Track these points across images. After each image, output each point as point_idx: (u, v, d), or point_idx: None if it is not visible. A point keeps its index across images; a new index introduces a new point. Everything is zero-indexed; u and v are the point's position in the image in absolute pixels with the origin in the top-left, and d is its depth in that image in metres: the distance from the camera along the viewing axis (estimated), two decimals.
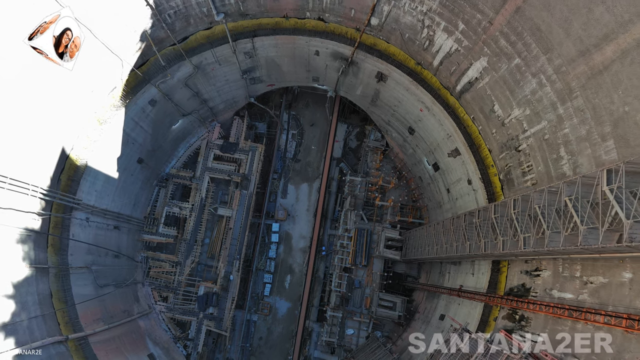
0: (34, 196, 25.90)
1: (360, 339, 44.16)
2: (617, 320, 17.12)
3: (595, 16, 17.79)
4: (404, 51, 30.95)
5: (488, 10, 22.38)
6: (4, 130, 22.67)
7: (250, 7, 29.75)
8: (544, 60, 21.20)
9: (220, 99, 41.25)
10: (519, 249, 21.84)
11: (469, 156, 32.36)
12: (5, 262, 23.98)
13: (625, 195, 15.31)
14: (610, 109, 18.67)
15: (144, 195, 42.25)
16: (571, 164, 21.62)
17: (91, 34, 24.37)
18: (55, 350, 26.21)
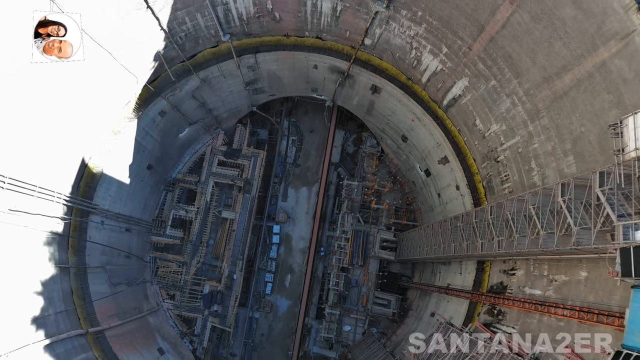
0: (58, 202, 28.97)
1: (357, 335, 47.21)
2: (572, 312, 20.19)
3: (555, 49, 20.84)
4: (396, 67, 34.01)
5: (467, 38, 25.43)
6: (34, 143, 25.72)
7: (253, 28, 32.80)
8: (516, 83, 24.28)
9: (225, 108, 44.28)
10: (494, 250, 24.93)
11: (456, 164, 35.37)
12: (34, 262, 27.05)
13: (575, 205, 18.37)
14: (570, 128, 21.74)
15: (153, 199, 45.31)
16: (540, 175, 24.70)
17: (111, 56, 27.41)
18: (77, 342, 29.31)
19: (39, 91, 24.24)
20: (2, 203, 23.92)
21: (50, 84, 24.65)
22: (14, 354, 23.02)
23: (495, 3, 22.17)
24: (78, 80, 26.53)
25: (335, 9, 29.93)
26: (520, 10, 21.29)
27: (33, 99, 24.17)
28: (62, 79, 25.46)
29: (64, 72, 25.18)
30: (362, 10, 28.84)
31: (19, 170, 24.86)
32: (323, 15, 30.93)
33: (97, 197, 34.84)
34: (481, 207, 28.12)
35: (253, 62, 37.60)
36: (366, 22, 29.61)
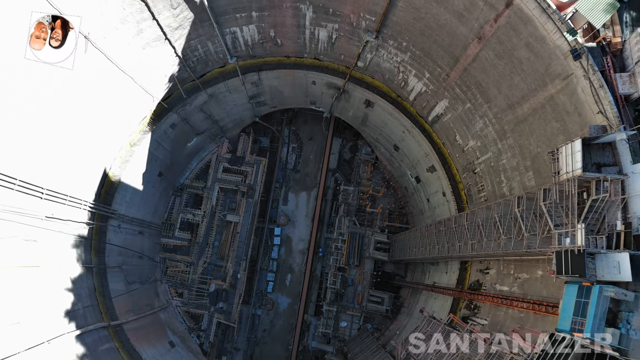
0: (85, 209, 33.24)
1: (353, 331, 51.49)
2: (528, 305, 24.45)
3: (515, 82, 25.09)
4: (386, 86, 38.22)
5: (445, 67, 29.67)
6: (65, 158, 29.97)
7: (257, 51, 37.01)
8: (486, 107, 28.52)
9: (229, 119, 48.50)
10: (468, 252, 29.22)
11: (442, 173, 39.63)
12: (65, 263, 31.32)
13: (526, 215, 22.64)
14: (529, 148, 26.00)
15: (162, 204, 49.56)
16: (508, 187, 28.95)
17: (132, 81, 31.65)
18: (102, 334, 33.59)
19: (68, 112, 28.50)
20: (41, 211, 28.17)
21: (78, 105, 28.92)
22: (54, 342, 27.25)
23: (466, 41, 26.40)
24: (104, 101, 30.86)
25: (330, 37, 34.16)
26: (486, 49, 25.52)
27: (65, 120, 28.44)
28: (90, 100, 29.74)
29: (94, 95, 29.49)
30: (355, 39, 33.08)
31: (54, 181, 29.11)
32: (320, 41, 35.16)
33: (115, 203, 39.09)
34: (459, 214, 32.41)
35: (256, 79, 41.78)
36: (358, 48, 33.87)
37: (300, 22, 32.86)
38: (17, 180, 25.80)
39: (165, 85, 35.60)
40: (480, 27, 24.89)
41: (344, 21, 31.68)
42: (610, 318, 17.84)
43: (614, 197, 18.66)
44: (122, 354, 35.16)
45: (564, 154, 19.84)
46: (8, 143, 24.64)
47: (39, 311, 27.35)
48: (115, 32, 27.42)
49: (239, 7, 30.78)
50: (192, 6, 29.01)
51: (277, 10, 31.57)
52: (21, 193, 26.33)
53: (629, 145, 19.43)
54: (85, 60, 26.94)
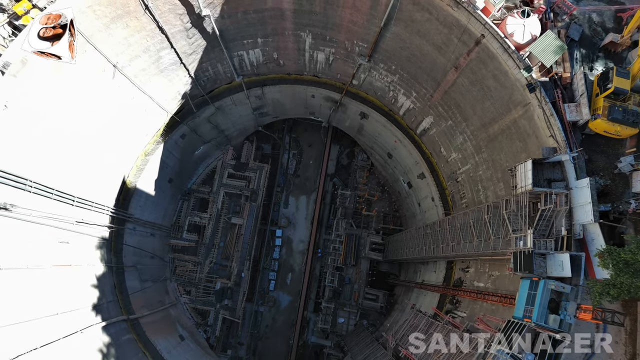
0: (107, 214, 37.73)
1: (350, 326, 56.02)
2: (496, 298, 28.94)
3: (486, 106, 29.58)
4: (379, 101, 42.64)
5: (429, 88, 34.16)
6: (92, 169, 34.46)
7: (262, 70, 41.47)
8: (465, 125, 33.01)
9: (234, 128, 52.97)
10: (449, 252, 33.71)
11: (431, 180, 44.08)
12: (92, 262, 35.81)
13: (492, 221, 27.12)
14: (500, 162, 30.50)
15: (171, 207, 54.05)
16: (484, 195, 33.45)
17: (150, 99, 36.13)
18: (122, 326, 38.08)
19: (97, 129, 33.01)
20: (73, 216, 32.67)
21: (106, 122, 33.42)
22: (85, 331, 31.74)
23: (445, 68, 30.89)
24: (127, 117, 35.39)
25: (328, 59, 38.63)
26: (462, 76, 30.00)
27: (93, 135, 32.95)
28: (116, 118, 34.25)
29: (119, 113, 34.02)
30: (350, 61, 37.56)
31: (83, 190, 33.59)
32: (318, 62, 39.62)
33: (131, 207, 43.58)
34: (442, 219, 36.90)
35: (260, 93, 46.23)
36: (353, 69, 38.34)
37: (301, 46, 37.34)
38: (54, 190, 30.30)
39: (178, 102, 40.07)
40: (456, 58, 29.36)
41: (339, 46, 36.15)
42: (554, 307, 22.31)
43: (560, 207, 23.12)
44: (139, 345, 39.66)
45: (520, 171, 24.33)
46: (46, 157, 29.10)
47: (72, 304, 31.83)
48: (138, 60, 31.92)
49: (246, 34, 35.24)
50: (205, 36, 33.46)
51: (280, 36, 36.04)
52: (56, 201, 30.82)
53: (574, 164, 23.90)
54: (113, 84, 31.45)
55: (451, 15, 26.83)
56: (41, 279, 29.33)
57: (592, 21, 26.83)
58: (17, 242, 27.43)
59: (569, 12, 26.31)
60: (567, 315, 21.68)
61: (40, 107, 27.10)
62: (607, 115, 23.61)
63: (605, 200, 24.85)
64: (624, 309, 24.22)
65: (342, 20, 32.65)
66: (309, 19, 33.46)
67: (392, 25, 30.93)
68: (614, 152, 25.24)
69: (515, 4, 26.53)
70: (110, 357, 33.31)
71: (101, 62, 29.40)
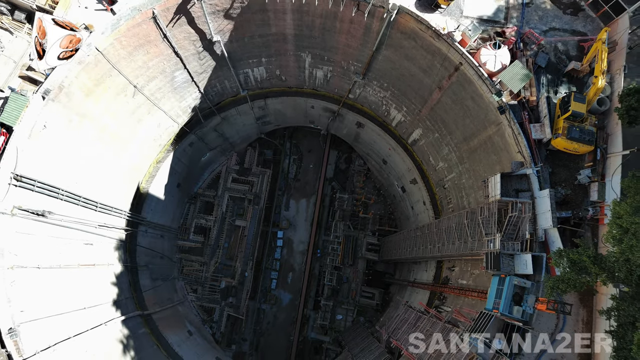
0: (124, 218, 42.02)
1: (347, 323, 60.37)
2: (476, 294, 33.20)
3: (467, 123, 33.86)
4: (374, 112, 46.88)
5: (417, 104, 38.43)
6: (113, 179, 38.75)
7: (265, 85, 45.74)
8: (449, 138, 37.29)
9: (238, 136, 57.26)
10: (435, 253, 38.00)
11: (422, 185, 48.32)
12: (111, 262, 40.10)
13: (470, 225, 31.40)
14: (479, 172, 34.77)
15: (179, 210, 58.39)
16: (467, 201, 37.71)
17: (164, 114, 40.40)
18: (138, 320, 42.35)
19: (122, 141, 37.32)
20: (95, 221, 36.94)
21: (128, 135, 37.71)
22: (109, 323, 36.01)
23: (431, 88, 35.17)
24: (145, 130, 39.66)
25: (326, 76, 42.91)
26: (445, 96, 34.29)
27: (117, 148, 37.26)
28: (136, 131, 38.54)
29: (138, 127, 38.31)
30: (346, 78, 41.83)
31: (104, 196, 37.90)
32: (317, 78, 43.91)
33: (144, 211, 47.91)
34: (431, 222, 41.21)
35: (263, 104, 50.50)
36: (349, 85, 42.62)
37: (301, 64, 41.60)
38: (81, 198, 34.60)
39: (188, 114, 44.36)
40: (439, 80, 33.63)
41: (336, 65, 40.42)
42: (517, 299, 26.61)
43: (524, 214, 27.39)
44: (152, 338, 43.95)
45: (491, 183, 28.62)
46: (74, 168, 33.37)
47: (96, 300, 36.12)
48: (155, 80, 36.23)
49: (251, 55, 39.50)
50: (215, 57, 37.72)
51: (282, 56, 40.30)
52: (82, 207, 35.12)
53: (538, 177, 28.18)
54: (133, 102, 35.74)
55: (433, 44, 31.09)
56: (70, 277, 33.63)
57: (558, 50, 31.05)
58: (51, 245, 31.72)
59: (537, 42, 30.50)
60: (528, 306, 25.97)
61: (72, 125, 31.39)
62: (566, 134, 27.82)
63: (566, 208, 29.12)
64: (581, 302, 28.55)
65: (338, 44, 36.91)
66: (308, 42, 37.72)
67: (383, 49, 35.18)
68: (575, 166, 29.48)
69: (490, 35, 30.74)
70: (130, 347, 37.58)
71: (124, 83, 33.70)
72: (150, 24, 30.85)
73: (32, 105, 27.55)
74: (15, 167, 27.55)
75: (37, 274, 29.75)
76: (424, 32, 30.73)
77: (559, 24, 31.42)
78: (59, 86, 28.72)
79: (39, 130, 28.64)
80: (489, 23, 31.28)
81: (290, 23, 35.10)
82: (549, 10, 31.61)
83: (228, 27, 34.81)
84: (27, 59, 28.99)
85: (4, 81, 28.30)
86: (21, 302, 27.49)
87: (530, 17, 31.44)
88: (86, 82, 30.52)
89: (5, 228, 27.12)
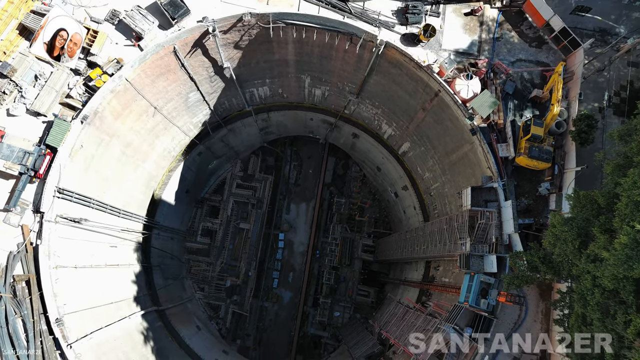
0: (141, 222, 47.76)
1: (345, 319, 66.14)
2: (454, 290, 38.89)
3: (447, 140, 39.54)
4: (368, 125, 52.58)
5: (405, 121, 44.16)
6: (134, 188, 44.46)
7: (268, 101, 51.51)
8: (433, 152, 43.01)
9: (242, 145, 62.99)
10: (421, 254, 43.73)
11: (412, 192, 54.03)
12: (131, 262, 45.85)
13: (448, 230, 37.10)
14: (459, 184, 40.43)
15: (187, 214, 64.13)
16: (449, 208, 43.42)
17: (179, 129, 46.11)
18: (154, 315, 48.08)
19: (143, 155, 43.05)
20: (119, 226, 42.67)
21: (148, 149, 43.42)
22: (132, 317, 41.71)
23: (416, 109, 40.89)
24: (162, 144, 45.38)
25: (324, 94, 48.65)
26: (428, 116, 40.01)
27: (139, 162, 42.99)
28: (155, 145, 44.28)
29: (157, 141, 44.03)
30: (342, 97, 47.57)
31: (126, 204, 43.63)
32: (316, 96, 49.65)
33: (157, 216, 53.61)
34: (417, 227, 46.94)
35: (266, 117, 56.23)
36: (344, 102, 48.37)
37: (301, 84, 47.33)
38: (108, 206, 40.33)
39: (198, 128, 50.09)
40: (423, 102, 39.34)
41: (333, 86, 46.14)
42: (484, 293, 32.31)
43: (491, 221, 33.08)
44: (166, 332, 49.71)
45: (464, 194, 34.33)
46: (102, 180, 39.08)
47: (120, 295, 41.87)
48: (172, 101, 42.00)
49: (256, 77, 45.23)
50: (224, 79, 43.41)
51: (284, 78, 46.02)
52: (108, 214, 40.85)
53: (503, 189, 33.88)
54: (152, 121, 41.48)
55: (416, 73, 36.79)
56: (100, 276, 39.38)
57: (524, 78, 36.70)
58: (84, 247, 37.43)
59: (505, 71, 36.15)
60: (492, 299, 31.69)
61: (102, 143, 37.14)
62: (527, 153, 33.49)
63: (529, 216, 34.83)
64: (541, 296, 34.25)
65: (334, 69, 42.61)
66: (308, 67, 43.42)
67: (374, 74, 40.86)
68: (537, 179, 35.19)
69: (464, 66, 36.39)
70: (150, 338, 43.29)
71: (146, 105, 39.41)
72: (171, 56, 36.57)
73: (73, 129, 33.24)
74: (59, 182, 33.26)
75: (74, 273, 35.48)
76: (408, 63, 36.43)
77: (525, 55, 37.13)
78: (94, 111, 34.43)
79: (77, 150, 34.35)
80: (464, 55, 36.96)
81: (292, 51, 40.77)
82: (516, 43, 37.32)
83: (237, 55, 40.49)
84: (66, 88, 34.65)
85: (47, 108, 33.93)
86: (64, 297, 33.21)
87: (500, 49, 37.16)
88: (116, 106, 36.26)
89: (51, 234, 32.84)
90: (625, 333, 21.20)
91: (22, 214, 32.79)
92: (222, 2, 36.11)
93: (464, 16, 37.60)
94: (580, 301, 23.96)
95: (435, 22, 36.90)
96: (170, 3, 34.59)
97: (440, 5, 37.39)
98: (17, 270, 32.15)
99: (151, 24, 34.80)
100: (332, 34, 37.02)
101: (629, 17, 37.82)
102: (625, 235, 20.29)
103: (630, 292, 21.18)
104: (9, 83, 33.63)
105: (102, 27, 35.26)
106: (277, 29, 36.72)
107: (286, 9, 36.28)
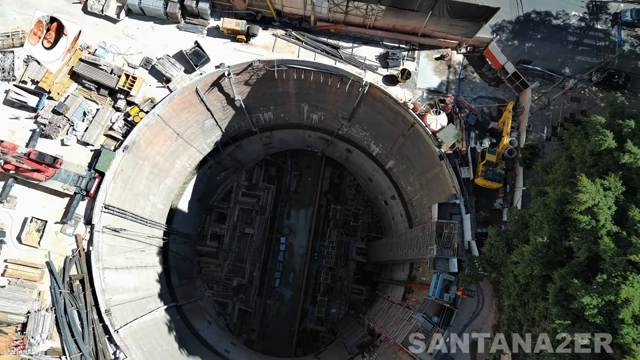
0: (162, 229, 57.40)
1: (340, 315, 75.80)
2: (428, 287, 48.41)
3: (423, 161, 49.07)
4: (359, 143, 62.15)
5: (389, 143, 53.75)
6: (157, 201, 54.06)
7: (271, 122, 61.10)
8: (413, 170, 52.59)
9: (247, 158, 72.64)
10: (402, 257, 53.31)
11: (399, 201, 63.65)
12: (155, 264, 55.48)
13: (423, 236, 46.71)
14: (433, 197, 49.98)
15: (197, 220, 73.82)
16: (427, 217, 52.88)
17: (195, 149, 55.72)
18: (174, 310, 57.72)
19: (166, 172, 52.70)
20: (146, 233, 52.29)
21: (171, 167, 53.06)
22: (158, 309, 51.29)
23: (397, 135, 50.49)
24: (181, 162, 54.96)
25: (320, 118, 58.28)
26: (407, 141, 49.59)
27: (163, 178, 52.63)
28: (176, 163, 53.93)
29: (177, 160, 53.69)
30: (336, 121, 57.21)
31: (152, 214, 53.25)
32: (313, 119, 59.31)
33: (174, 223, 63.25)
34: (401, 233, 56.54)
35: (269, 134, 65.89)
36: (338, 125, 57.92)
37: (301, 110, 56.97)
38: (138, 217, 49.95)
39: (211, 147, 59.71)
40: (402, 130, 48.91)
41: (328, 112, 55.75)
42: (447, 289, 41.89)
43: (454, 231, 42.63)
44: (184, 325, 59.45)
45: (433, 209, 43.92)
46: (134, 195, 48.66)
47: (149, 292, 51.51)
48: (191, 128, 51.58)
49: (262, 105, 54.87)
50: (235, 108, 53.03)
51: (286, 106, 55.66)
52: (138, 223, 50.47)
53: (465, 205, 43.45)
54: (175, 144, 51.11)
55: (395, 108, 46.38)
56: (133, 275, 49.04)
57: (484, 112, 46.21)
58: (121, 252, 47.04)
59: (468, 107, 45.65)
60: (452, 293, 41.31)
61: (136, 166, 46.78)
62: (483, 175, 43.04)
63: (487, 226, 44.35)
64: (494, 291, 43.81)
65: (329, 99, 52.21)
66: (306, 97, 53.03)
67: (362, 105, 50.44)
68: (493, 196, 44.77)
69: (435, 102, 45.84)
70: (172, 329, 53.00)
71: (171, 132, 49.01)
72: (193, 94, 46.21)
73: (117, 156, 42.84)
74: (105, 199, 42.86)
75: (115, 273, 45.12)
76: (388, 100, 46.02)
77: (485, 93, 46.68)
78: (133, 141, 44.04)
79: (119, 173, 43.94)
80: (435, 93, 46.49)
81: (293, 86, 50.36)
82: (478, 83, 46.85)
83: (246, 90, 50.09)
84: (109, 122, 44.20)
85: (95, 139, 43.48)
86: (109, 292, 42.83)
87: (464, 88, 46.68)
88: (148, 136, 45.89)
89: (99, 242, 42.46)
90: (535, 315, 30.86)
91: (75, 225, 42.49)
92: (236, 50, 45.66)
93: (434, 60, 47.16)
94: (506, 293, 33.61)
95: (410, 66, 46.46)
96: (194, 53, 44.14)
97: (415, 51, 46.90)
98: (72, 271, 41.89)
99: (179, 70, 44.40)
100: (326, 75, 46.59)
101: (573, 59, 47.30)
102: (530, 245, 29.92)
103: (537, 286, 30.85)
104: (62, 119, 43.28)
105: (137, 72, 44.79)
106: (280, 71, 46.29)
107: (288, 55, 45.82)
